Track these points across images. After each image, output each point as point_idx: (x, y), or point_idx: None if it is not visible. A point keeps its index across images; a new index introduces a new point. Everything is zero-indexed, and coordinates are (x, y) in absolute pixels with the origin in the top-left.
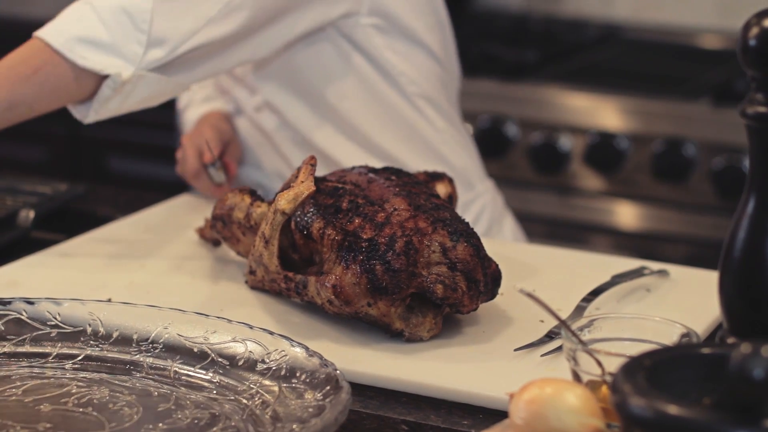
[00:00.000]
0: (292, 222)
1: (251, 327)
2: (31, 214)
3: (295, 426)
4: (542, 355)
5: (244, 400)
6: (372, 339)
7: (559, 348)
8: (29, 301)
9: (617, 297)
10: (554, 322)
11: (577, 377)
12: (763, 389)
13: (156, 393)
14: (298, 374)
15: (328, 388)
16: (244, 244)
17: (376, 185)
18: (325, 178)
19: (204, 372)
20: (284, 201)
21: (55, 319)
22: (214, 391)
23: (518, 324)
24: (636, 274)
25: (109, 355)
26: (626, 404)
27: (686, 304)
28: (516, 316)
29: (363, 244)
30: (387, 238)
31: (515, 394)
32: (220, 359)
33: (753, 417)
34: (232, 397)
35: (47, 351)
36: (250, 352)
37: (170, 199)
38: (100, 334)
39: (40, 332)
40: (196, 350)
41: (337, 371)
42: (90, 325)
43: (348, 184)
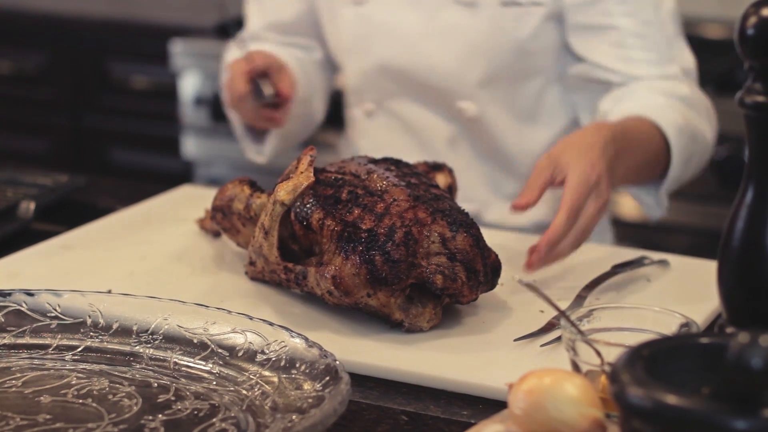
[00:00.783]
0: (292, 213)
1: (251, 318)
2: (32, 205)
3: (294, 416)
4: (542, 346)
5: (244, 391)
6: (372, 330)
7: (559, 338)
8: (29, 293)
9: (617, 287)
10: (554, 313)
11: (576, 367)
12: (761, 379)
13: (156, 384)
14: (297, 365)
15: (327, 378)
16: (244, 235)
17: (376, 176)
18: (325, 169)
19: (204, 363)
20: (283, 192)
21: (55, 310)
22: (214, 382)
23: (518, 314)
24: (636, 264)
25: (109, 347)
26: (625, 394)
27: (686, 294)
28: (516, 306)
29: (362, 234)
30: (386, 228)
31: (514, 384)
32: (219, 350)
33: (751, 406)
34: (232, 388)
35: (47, 342)
36: (250, 343)
37: (171, 191)
38: (100, 325)
39: (40, 324)
40: (195, 341)
41: (337, 362)
42: (90, 317)
43: (348, 175)
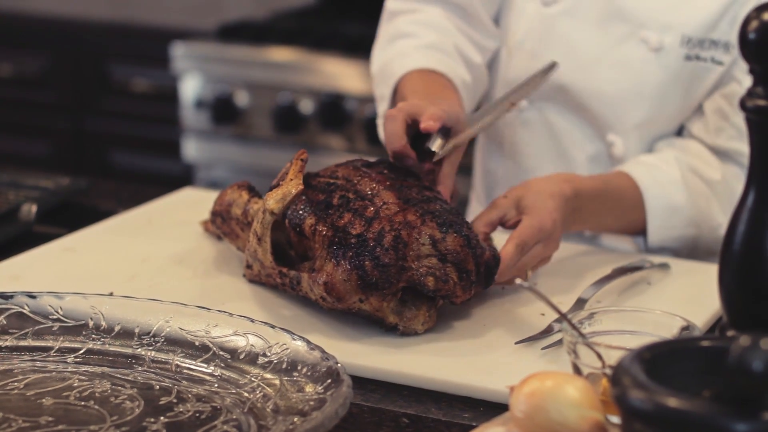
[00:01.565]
0: (286, 219)
1: (252, 320)
2: (34, 208)
3: (296, 419)
4: (543, 349)
5: (246, 394)
6: (372, 332)
7: (560, 341)
8: (31, 295)
9: (618, 290)
10: (555, 316)
11: (577, 370)
12: (762, 382)
13: (158, 386)
14: (299, 367)
15: (329, 381)
16: (243, 240)
17: (367, 179)
18: (318, 174)
19: (205, 365)
20: (272, 201)
21: (57, 312)
22: (216, 385)
23: (519, 317)
24: (637, 267)
25: (111, 349)
26: (626, 397)
27: (687, 297)
28: (517, 309)
29: (352, 240)
30: (375, 233)
31: (516, 387)
32: (221, 353)
33: (752, 409)
34: (234, 391)
35: (49, 345)
36: (252, 345)
37: (172, 194)
38: (102, 327)
39: (42, 326)
40: (197, 344)
41: (338, 365)
42: (92, 319)
43: (340, 179)
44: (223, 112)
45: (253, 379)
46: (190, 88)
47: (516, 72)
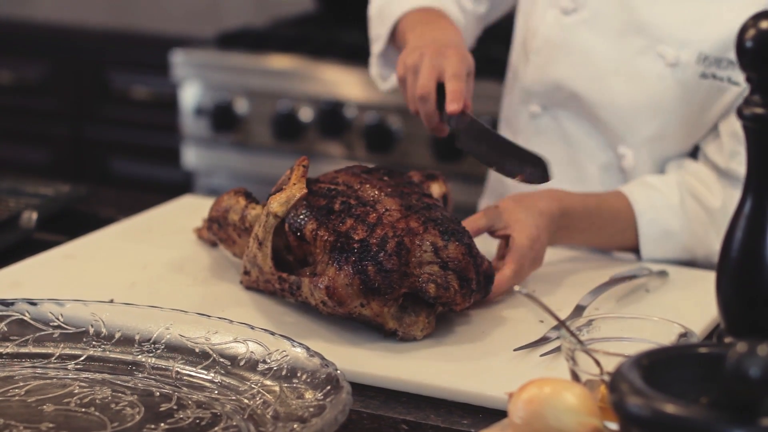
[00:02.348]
0: (286, 224)
1: (252, 327)
2: (34, 215)
3: (295, 425)
4: (541, 355)
5: (246, 400)
6: (370, 339)
7: (559, 348)
8: (32, 302)
9: (617, 297)
10: (554, 323)
11: (575, 377)
12: (759, 388)
13: (158, 393)
14: (298, 374)
15: (328, 387)
16: (240, 246)
17: (369, 186)
18: (319, 179)
19: (205, 372)
20: (276, 204)
21: (58, 319)
22: (216, 391)
23: (518, 324)
24: (635, 274)
25: (112, 356)
26: (624, 403)
27: (685, 305)
28: (516, 316)
29: (355, 245)
30: (378, 238)
31: (514, 393)
32: (221, 359)
33: (749, 416)
34: (234, 397)
35: (50, 351)
36: (252, 352)
37: (171, 201)
38: (103, 334)
39: (43, 333)
40: (197, 350)
41: (338, 371)
42: (92, 326)
43: (341, 185)
44: (223, 119)
45: (253, 385)
46: (190, 95)
47: (533, 78)
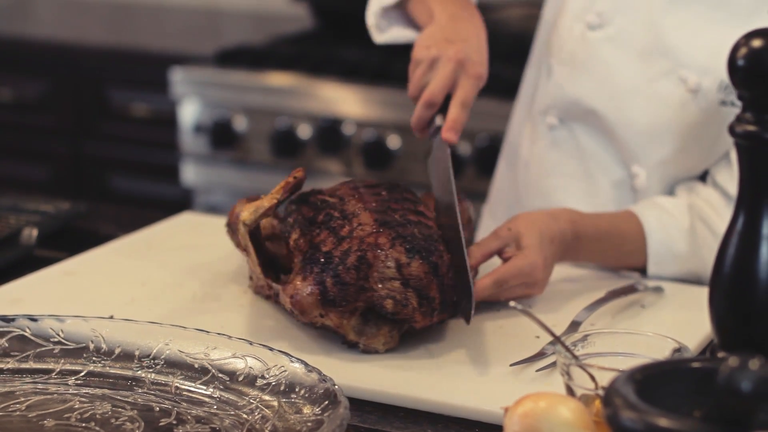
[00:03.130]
0: (282, 232)
1: (251, 343)
2: (35, 232)
3: None
4: (537, 370)
5: (244, 415)
6: (367, 354)
7: (554, 363)
8: (33, 318)
9: (612, 313)
10: (549, 338)
11: (570, 391)
12: (751, 401)
13: (157, 408)
14: (297, 389)
15: (326, 402)
16: None
17: (357, 200)
18: (321, 191)
19: (204, 387)
20: (246, 213)
21: (58, 335)
22: (215, 406)
23: (514, 339)
24: (631, 290)
25: (112, 371)
26: (618, 417)
27: (680, 320)
28: (512, 331)
29: (321, 257)
30: (342, 252)
31: (510, 408)
32: (220, 375)
33: (741, 429)
34: (233, 412)
35: (50, 367)
36: (250, 367)
37: (171, 218)
38: (103, 350)
39: (44, 349)
40: (196, 366)
41: (336, 386)
42: (92, 342)
43: (335, 198)
44: (222, 136)
45: (252, 400)
46: (189, 112)
47: (555, 90)
